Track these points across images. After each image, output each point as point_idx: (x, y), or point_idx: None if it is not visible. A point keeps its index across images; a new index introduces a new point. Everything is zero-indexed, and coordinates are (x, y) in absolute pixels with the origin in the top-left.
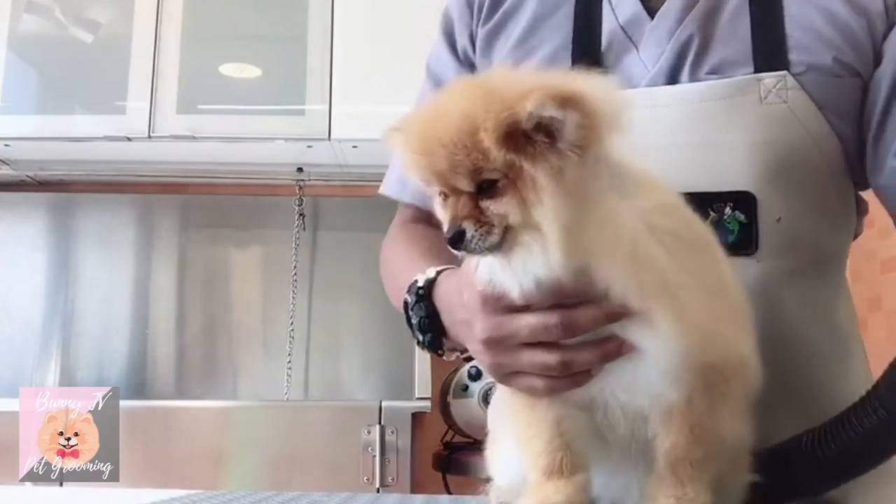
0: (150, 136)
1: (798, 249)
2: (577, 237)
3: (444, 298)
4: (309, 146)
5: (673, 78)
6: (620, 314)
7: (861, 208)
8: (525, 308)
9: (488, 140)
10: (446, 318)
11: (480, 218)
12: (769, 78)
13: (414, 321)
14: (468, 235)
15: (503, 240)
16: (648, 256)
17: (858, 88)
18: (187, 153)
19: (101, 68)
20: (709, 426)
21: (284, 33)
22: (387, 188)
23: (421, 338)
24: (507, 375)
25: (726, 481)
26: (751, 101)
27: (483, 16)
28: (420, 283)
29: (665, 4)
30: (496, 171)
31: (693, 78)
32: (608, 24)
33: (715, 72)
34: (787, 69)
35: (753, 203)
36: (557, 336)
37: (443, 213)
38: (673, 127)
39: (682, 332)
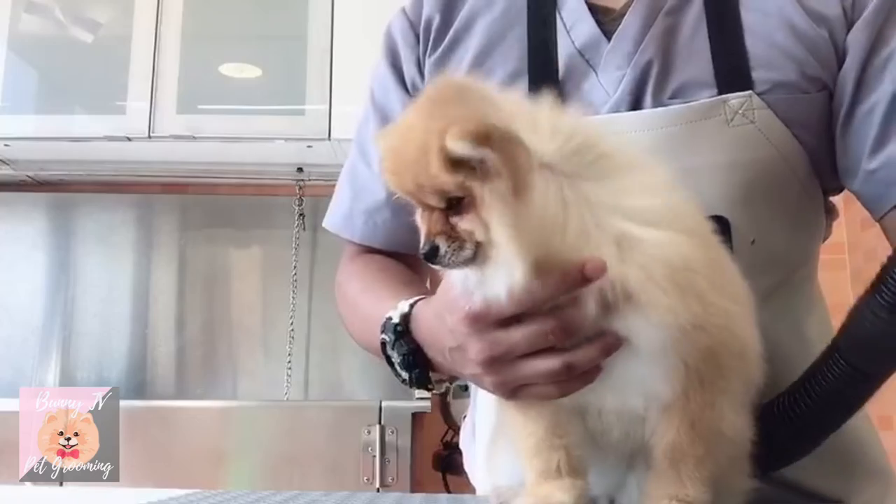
0: (150, 136)
1: (772, 268)
2: (539, 244)
3: (426, 330)
4: (309, 146)
5: (636, 102)
6: (611, 304)
7: (831, 214)
8: (514, 319)
9: (434, 165)
10: (432, 350)
11: (452, 234)
12: (734, 99)
13: (396, 360)
14: (441, 251)
15: (476, 254)
16: (626, 240)
17: (826, 100)
18: (187, 153)
19: (101, 68)
20: (709, 422)
21: (284, 33)
22: (331, 223)
23: (406, 375)
24: (515, 390)
25: (726, 483)
26: (717, 124)
27: (431, 43)
28: (395, 320)
29: (621, 26)
30: (455, 190)
31: (656, 102)
32: (564, 48)
33: (678, 94)
34: (752, 88)
35: (727, 227)
36: (556, 341)
37: (420, 226)
38: None
39: (672, 314)
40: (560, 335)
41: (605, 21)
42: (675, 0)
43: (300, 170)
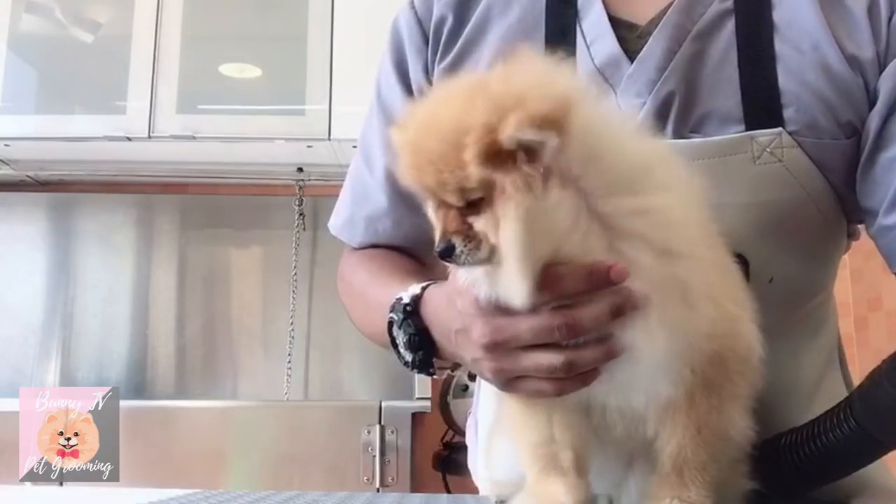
0: (150, 136)
1: (789, 306)
2: (543, 249)
3: (435, 312)
4: (309, 146)
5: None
6: (623, 310)
7: (853, 236)
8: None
9: (469, 158)
10: (438, 333)
11: (468, 233)
12: (763, 136)
13: (402, 339)
14: (457, 250)
15: (491, 255)
16: (634, 265)
17: (857, 146)
18: (187, 153)
19: (102, 68)
20: (715, 426)
21: (285, 33)
22: (334, 226)
23: (410, 357)
24: (511, 381)
25: (726, 485)
26: (742, 161)
27: (440, 49)
28: (406, 300)
29: (645, 49)
30: (478, 188)
31: (677, 134)
32: (584, 64)
33: (701, 125)
34: (783, 125)
35: (745, 266)
36: (561, 337)
37: (434, 223)
38: None
39: (682, 324)
40: (567, 332)
41: (629, 38)
42: (705, 24)
43: (300, 170)
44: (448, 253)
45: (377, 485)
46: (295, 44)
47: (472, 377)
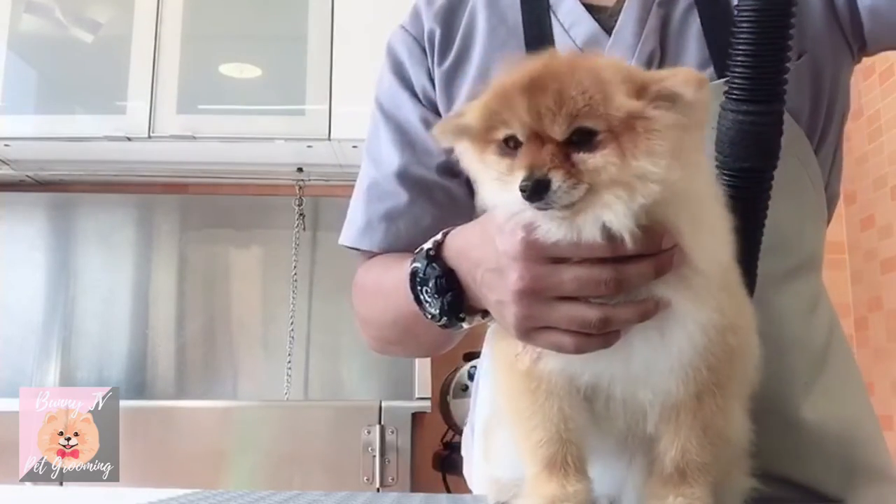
0: (150, 136)
1: (784, 249)
2: (669, 195)
3: (462, 252)
4: (309, 146)
5: None
6: (665, 269)
7: (833, 202)
8: (566, 259)
9: (617, 88)
10: (465, 273)
11: (570, 170)
12: None
13: (429, 285)
14: (554, 186)
15: (586, 194)
16: (715, 229)
17: (807, 66)
18: (187, 153)
19: (102, 68)
20: (720, 426)
21: (285, 33)
22: (351, 239)
23: (438, 306)
24: (534, 330)
25: (726, 483)
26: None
27: (437, 55)
28: (427, 246)
29: (619, 22)
30: (600, 119)
31: None
32: (566, 48)
33: None
34: None
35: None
36: (607, 291)
37: (495, 164)
38: None
39: (719, 313)
40: (614, 287)
41: (602, 19)
42: None
43: (300, 170)
44: (542, 190)
45: (377, 485)
46: (295, 44)
47: (472, 377)
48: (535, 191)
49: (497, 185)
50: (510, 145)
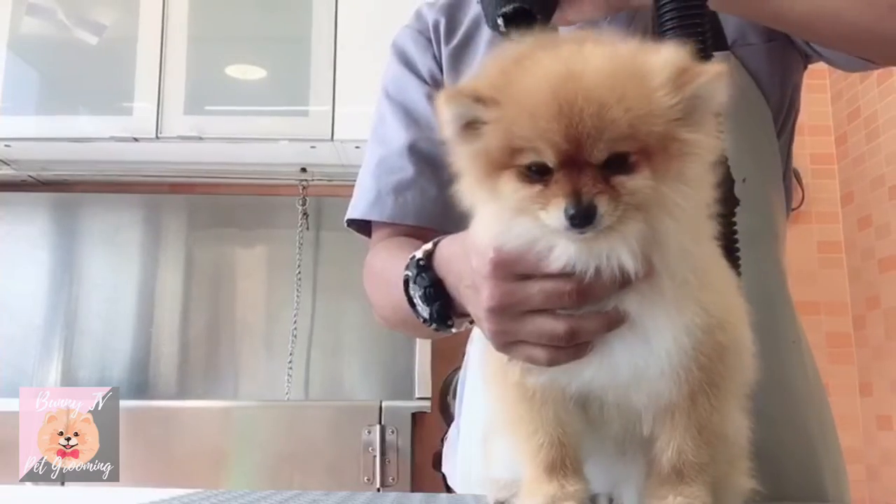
0: (157, 137)
1: (757, 209)
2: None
3: (448, 264)
4: (312, 147)
5: None
6: (628, 279)
7: (791, 184)
8: (531, 275)
9: (666, 94)
10: (451, 285)
11: (612, 194)
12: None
13: (418, 294)
14: (601, 211)
15: (623, 216)
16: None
17: (779, 49)
18: (193, 153)
19: (106, 70)
20: (716, 426)
21: (289, 35)
22: (359, 212)
23: (427, 311)
24: (510, 344)
25: (726, 484)
26: None
27: (443, 38)
28: (419, 256)
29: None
30: (636, 141)
31: None
32: (566, 29)
33: None
34: (728, 48)
35: (727, 167)
36: (570, 303)
37: (513, 192)
38: None
39: (704, 312)
40: (577, 299)
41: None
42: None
43: (304, 170)
44: (589, 217)
45: (377, 485)
46: (299, 45)
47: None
48: (585, 218)
49: (512, 213)
50: (532, 169)
